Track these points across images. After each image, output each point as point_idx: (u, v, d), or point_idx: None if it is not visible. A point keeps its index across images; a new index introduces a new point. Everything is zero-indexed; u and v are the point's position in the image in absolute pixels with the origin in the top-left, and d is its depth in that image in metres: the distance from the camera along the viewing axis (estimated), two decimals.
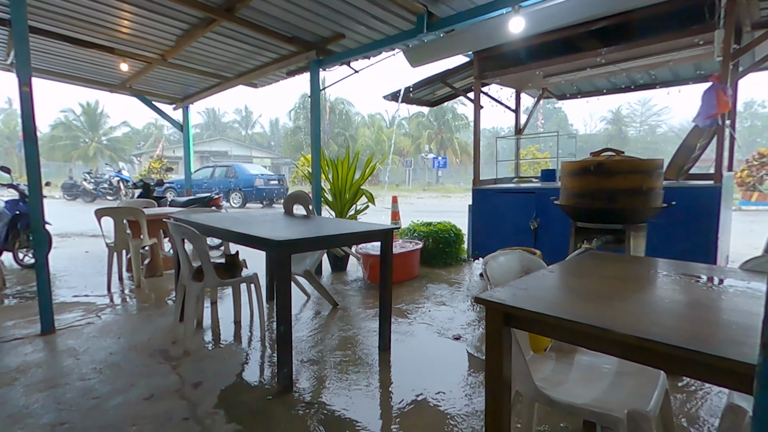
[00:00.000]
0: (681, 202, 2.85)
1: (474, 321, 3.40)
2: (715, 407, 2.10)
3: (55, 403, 2.19)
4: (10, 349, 2.84)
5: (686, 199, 3.18)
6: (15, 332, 3.14)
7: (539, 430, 1.93)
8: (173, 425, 2.00)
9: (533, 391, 1.42)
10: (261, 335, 3.12)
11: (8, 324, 3.31)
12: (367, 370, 2.56)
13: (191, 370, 2.56)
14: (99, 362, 2.66)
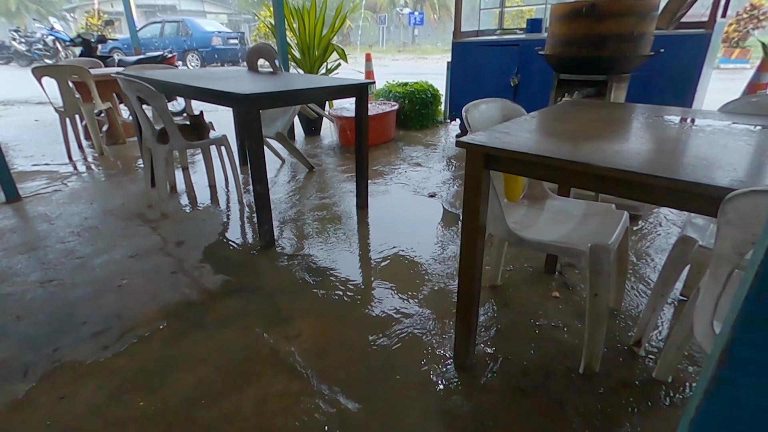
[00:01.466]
0: (667, 51, 2.73)
1: (449, 180, 3.47)
2: (659, 247, 2.33)
3: (38, 263, 2.22)
4: None
5: (673, 48, 3.05)
6: None
7: (506, 270, 2.12)
8: (162, 278, 2.09)
9: (505, 231, 1.50)
10: (238, 198, 3.12)
11: None
12: (345, 227, 2.65)
13: (172, 231, 2.59)
14: (75, 226, 2.64)
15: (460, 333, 1.50)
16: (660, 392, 1.40)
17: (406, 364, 1.53)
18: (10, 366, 1.54)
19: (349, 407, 1.36)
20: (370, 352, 1.59)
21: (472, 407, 1.36)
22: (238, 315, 1.82)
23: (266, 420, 1.32)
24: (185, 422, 1.32)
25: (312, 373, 1.49)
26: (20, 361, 1.57)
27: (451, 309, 1.82)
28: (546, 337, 1.66)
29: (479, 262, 1.39)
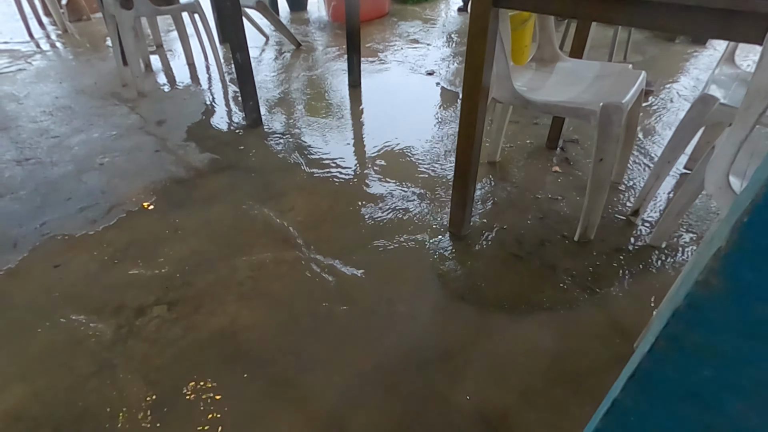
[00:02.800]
0: None
1: (449, 57, 3.20)
2: (667, 122, 2.22)
3: (12, 142, 2.10)
4: None
5: None
6: None
7: (505, 146, 2.03)
8: (145, 156, 1.99)
9: (510, 93, 1.37)
10: (220, 76, 2.88)
11: None
12: (336, 106, 2.48)
13: (151, 110, 2.42)
14: (47, 105, 2.46)
15: (456, 202, 1.46)
16: (652, 256, 1.41)
17: (400, 234, 1.52)
18: (1, 241, 1.52)
19: (345, 273, 1.37)
20: (365, 225, 1.57)
21: (466, 272, 1.37)
22: (228, 191, 1.76)
23: (262, 284, 1.34)
24: (182, 286, 1.33)
25: (306, 244, 1.48)
26: (7, 235, 1.54)
27: (446, 186, 1.77)
28: (543, 209, 1.64)
29: (480, 126, 1.29)
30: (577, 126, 2.18)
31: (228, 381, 1.07)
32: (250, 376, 1.08)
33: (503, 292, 1.30)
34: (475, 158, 1.34)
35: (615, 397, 0.32)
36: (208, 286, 1.33)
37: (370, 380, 1.07)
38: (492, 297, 1.28)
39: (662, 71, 2.80)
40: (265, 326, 1.20)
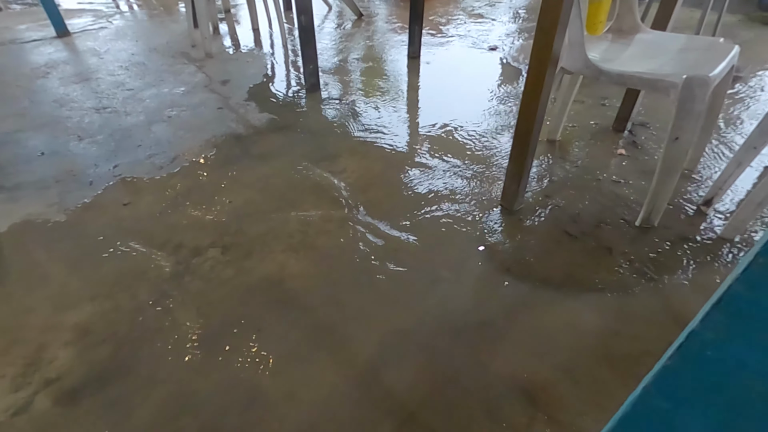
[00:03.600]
0: None
1: (514, 33, 3.06)
2: (754, 112, 2.01)
3: (92, 92, 2.26)
4: (32, 49, 2.79)
5: None
6: (31, 34, 3.03)
7: (568, 127, 1.93)
8: (209, 111, 2.08)
9: (582, 62, 1.29)
10: (282, 42, 2.93)
11: (21, 27, 3.17)
12: (394, 76, 2.46)
13: (217, 71, 2.52)
14: (123, 61, 2.62)
15: (511, 174, 1.41)
16: (723, 249, 1.30)
17: (449, 204, 1.50)
18: (76, 177, 1.65)
19: (391, 236, 1.37)
20: (414, 192, 1.56)
21: (515, 245, 1.33)
22: (283, 149, 1.80)
23: (310, 238, 1.37)
24: (235, 233, 1.39)
25: (355, 205, 1.50)
26: (85, 173, 1.67)
27: (500, 162, 1.71)
28: (604, 191, 1.55)
29: (545, 96, 1.23)
30: (649, 110, 2.03)
31: (272, 322, 1.11)
32: (294, 320, 1.12)
33: (552, 269, 1.25)
34: (536, 129, 1.29)
35: (693, 329, 0.29)
36: (259, 235, 1.38)
37: (408, 339, 1.07)
38: (540, 272, 1.24)
39: (755, 57, 2.54)
40: (311, 277, 1.24)
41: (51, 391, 0.97)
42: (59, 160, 1.74)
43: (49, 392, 0.97)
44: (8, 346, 1.07)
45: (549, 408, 0.93)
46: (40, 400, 0.96)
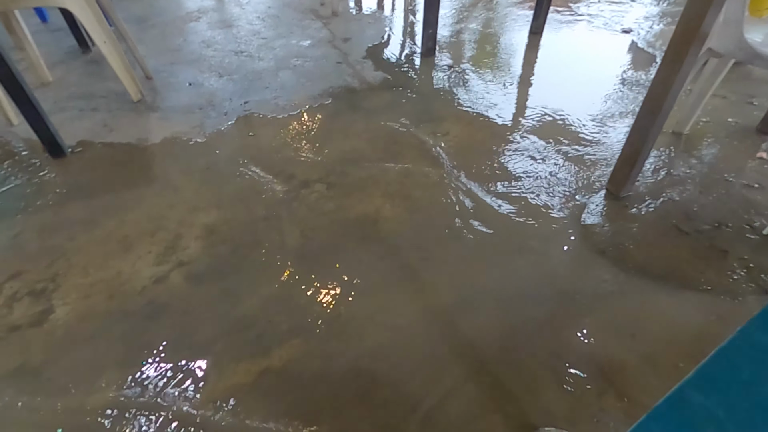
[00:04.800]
0: None
1: (654, 16, 2.77)
2: None
3: (233, 37, 2.53)
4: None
5: None
6: None
7: (701, 121, 1.75)
8: (329, 64, 2.22)
9: (736, 41, 1.16)
10: (404, 6, 2.98)
11: None
12: (512, 50, 2.39)
13: (340, 28, 2.65)
14: (261, 13, 2.88)
15: (624, 158, 1.33)
16: None
17: (550, 180, 1.46)
18: (214, 107, 1.90)
19: (484, 201, 1.39)
20: (515, 164, 1.55)
21: (614, 229, 1.28)
22: (393, 106, 1.88)
23: (406, 189, 1.44)
24: (339, 174, 1.51)
25: (453, 166, 1.53)
26: (221, 105, 1.91)
27: (613, 148, 1.62)
28: (732, 193, 1.40)
29: (681, 80, 1.14)
30: None
31: (363, 255, 1.22)
32: (382, 256, 1.21)
33: (653, 260, 1.18)
34: (663, 114, 1.20)
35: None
36: (360, 179, 1.49)
37: (488, 296, 1.11)
38: (638, 260, 1.18)
39: None
40: (402, 223, 1.31)
41: (182, 271, 1.18)
42: (202, 91, 2.01)
43: (181, 271, 1.18)
44: (155, 231, 1.30)
45: (623, 387, 0.91)
46: (174, 275, 1.17)
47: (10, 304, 1.11)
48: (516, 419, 0.87)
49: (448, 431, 0.85)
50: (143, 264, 1.20)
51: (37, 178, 1.52)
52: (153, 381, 0.94)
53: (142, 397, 0.91)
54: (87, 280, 1.16)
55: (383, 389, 0.92)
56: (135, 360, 0.98)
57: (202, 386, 0.93)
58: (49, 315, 1.08)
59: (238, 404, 0.89)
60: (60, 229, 1.31)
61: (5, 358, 0.99)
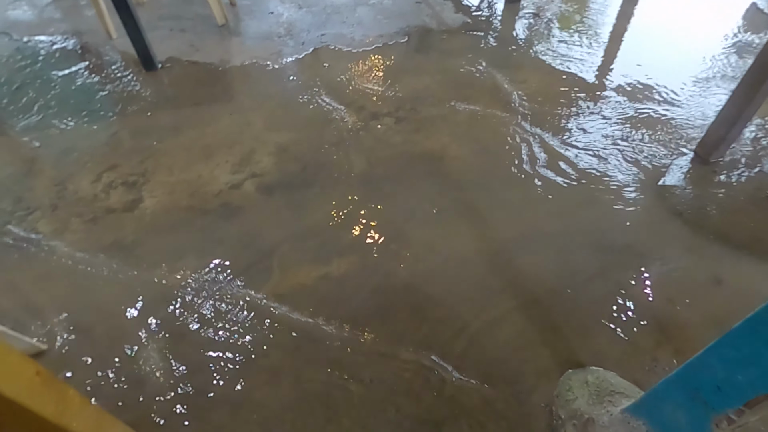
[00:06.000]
0: None
1: None
2: None
3: None
4: None
5: None
6: None
7: None
8: (407, 3, 2.17)
9: None
10: None
11: None
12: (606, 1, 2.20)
13: None
14: None
15: (722, 119, 1.22)
16: None
17: (631, 137, 1.37)
18: (293, 37, 1.92)
19: (556, 150, 1.34)
20: (593, 118, 1.46)
21: (696, 193, 1.19)
22: (470, 49, 1.82)
23: (475, 130, 1.41)
24: (409, 110, 1.51)
25: (526, 114, 1.47)
26: (300, 35, 1.93)
27: (708, 111, 1.47)
28: None
29: None
30: None
31: (426, 187, 1.23)
32: (444, 191, 1.21)
33: (736, 227, 1.10)
34: None
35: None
36: (430, 116, 1.47)
37: (549, 240, 1.09)
38: (719, 226, 1.10)
39: None
40: (468, 163, 1.30)
41: (255, 182, 1.26)
42: (282, 20, 2.04)
43: (253, 182, 1.26)
44: (232, 144, 1.38)
45: (682, 343, 0.88)
46: (247, 184, 1.25)
47: (107, 190, 1.24)
48: (563, 355, 0.87)
49: (493, 355, 0.87)
50: (220, 171, 1.29)
51: (132, 87, 1.64)
52: (224, 270, 1.03)
53: (214, 282, 1.01)
54: (171, 178, 1.27)
55: (434, 309, 0.95)
56: (210, 251, 1.07)
57: (267, 281, 1.01)
58: (138, 204, 1.20)
59: (297, 301, 0.97)
60: (150, 133, 1.43)
61: (103, 234, 1.12)
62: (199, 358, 0.87)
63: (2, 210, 1.19)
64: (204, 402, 0.81)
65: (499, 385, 0.83)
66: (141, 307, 0.96)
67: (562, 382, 0.82)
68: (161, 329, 0.92)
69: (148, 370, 0.86)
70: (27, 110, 1.54)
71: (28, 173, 1.30)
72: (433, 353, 0.87)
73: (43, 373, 0.51)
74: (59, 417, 0.51)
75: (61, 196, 1.22)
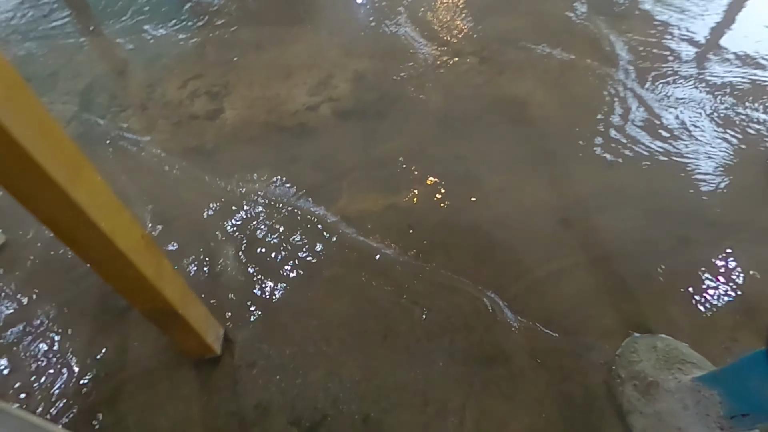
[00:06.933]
0: None
1: None
2: None
3: None
4: None
5: None
6: None
7: None
8: None
9: None
10: None
11: None
12: None
13: None
14: None
15: None
16: None
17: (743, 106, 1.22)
18: None
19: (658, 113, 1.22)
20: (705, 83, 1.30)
21: None
22: None
23: (566, 79, 1.31)
24: (495, 51, 1.41)
25: (630, 70, 1.34)
26: None
27: None
28: None
29: None
30: None
31: (503, 133, 1.17)
32: (524, 138, 1.15)
33: None
34: None
35: None
36: (517, 60, 1.38)
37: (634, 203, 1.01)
38: None
39: None
40: (553, 111, 1.22)
41: (330, 106, 1.25)
42: None
43: (329, 105, 1.25)
44: (311, 67, 1.37)
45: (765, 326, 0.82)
46: (323, 107, 1.25)
47: (192, 98, 1.28)
48: (630, 318, 0.84)
49: (555, 305, 0.85)
50: (298, 92, 1.29)
51: (218, 2, 1.65)
52: (296, 186, 1.05)
53: (285, 196, 1.04)
54: (251, 93, 1.29)
55: (498, 251, 0.93)
56: (283, 166, 1.10)
57: (335, 202, 1.02)
58: (219, 114, 1.24)
59: (363, 224, 0.98)
60: (233, 47, 1.45)
61: (186, 137, 1.18)
62: (268, 264, 0.92)
63: (99, 104, 1.27)
64: (270, 303, 0.86)
65: (558, 333, 0.81)
66: (217, 209, 1.01)
67: (627, 343, 0.79)
68: (235, 231, 0.97)
69: (221, 267, 0.92)
70: (122, 14, 1.60)
71: (122, 73, 1.37)
72: (493, 292, 0.86)
73: (147, 237, 0.55)
74: (157, 279, 0.56)
75: (150, 98, 1.28)
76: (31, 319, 0.85)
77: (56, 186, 0.39)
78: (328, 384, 0.75)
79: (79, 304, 0.86)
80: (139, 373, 0.77)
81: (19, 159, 0.37)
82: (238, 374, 0.78)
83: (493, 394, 0.74)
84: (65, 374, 0.78)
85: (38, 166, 0.37)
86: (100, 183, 0.46)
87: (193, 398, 0.75)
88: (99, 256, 0.49)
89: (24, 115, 0.36)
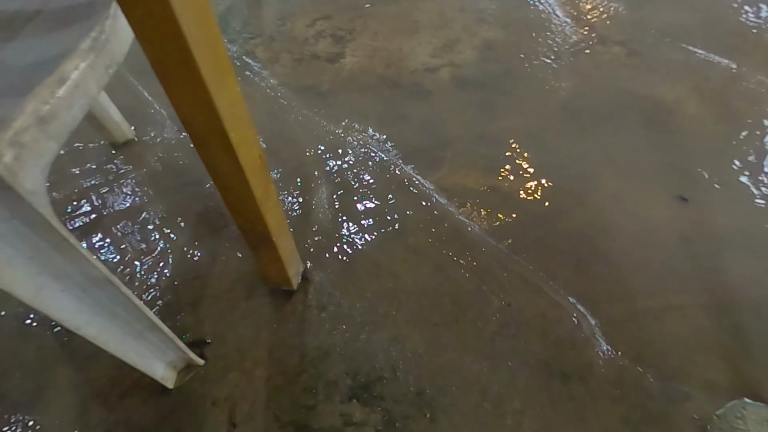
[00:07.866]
0: None
1: None
2: None
3: None
4: None
5: None
6: None
7: None
8: None
9: None
10: None
11: None
12: None
13: None
14: None
15: None
16: None
17: None
18: None
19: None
20: None
21: None
22: None
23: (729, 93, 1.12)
24: (648, 45, 1.24)
25: None
26: None
27: None
28: None
29: None
30: None
31: (636, 136, 1.03)
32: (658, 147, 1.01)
33: None
34: None
35: None
36: (673, 59, 1.20)
37: None
38: None
39: None
40: (705, 125, 1.05)
41: (451, 71, 1.19)
42: None
43: (449, 70, 1.19)
44: (440, 27, 1.31)
45: None
46: (443, 71, 1.19)
47: (317, 38, 1.29)
48: (743, 379, 0.72)
49: (654, 340, 0.76)
50: (421, 50, 1.24)
51: None
52: (400, 144, 1.03)
53: (387, 152, 1.01)
54: (374, 43, 1.27)
55: (600, 264, 0.84)
56: (391, 122, 1.08)
57: (435, 170, 0.98)
58: (340, 58, 1.23)
59: (459, 199, 0.93)
60: None
61: (304, 76, 1.19)
62: (357, 215, 0.91)
63: (233, 29, 1.32)
64: (351, 254, 0.86)
65: (650, 373, 0.72)
66: (320, 150, 1.02)
67: (734, 406, 0.68)
68: (332, 176, 0.98)
69: (313, 206, 0.93)
70: None
71: (259, 1, 1.41)
72: (585, 307, 0.79)
73: (263, 158, 0.56)
74: (263, 202, 0.57)
75: (279, 31, 1.31)
76: (142, 214, 0.93)
77: (204, 87, 0.40)
78: (391, 349, 0.74)
79: (185, 210, 0.92)
80: (223, 286, 0.82)
81: (180, 50, 0.37)
82: (307, 313, 0.79)
83: (559, 410, 0.69)
84: (162, 267, 0.85)
85: (195, 63, 0.38)
86: (239, 94, 0.46)
87: (262, 323, 0.78)
88: (221, 165, 0.50)
89: (192, 9, 0.36)
